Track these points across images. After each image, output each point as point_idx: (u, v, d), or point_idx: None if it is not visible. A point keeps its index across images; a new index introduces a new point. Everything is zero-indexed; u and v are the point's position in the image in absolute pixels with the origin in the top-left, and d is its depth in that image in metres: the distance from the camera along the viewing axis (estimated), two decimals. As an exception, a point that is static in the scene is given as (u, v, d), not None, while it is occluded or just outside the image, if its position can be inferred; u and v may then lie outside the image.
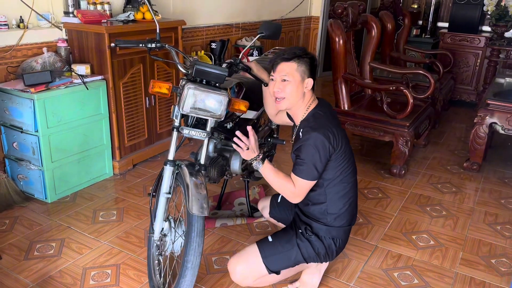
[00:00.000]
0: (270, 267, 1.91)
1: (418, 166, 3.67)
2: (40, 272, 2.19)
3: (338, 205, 1.93)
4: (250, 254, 1.93)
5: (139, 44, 1.95)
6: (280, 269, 1.95)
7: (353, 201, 1.99)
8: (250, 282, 1.96)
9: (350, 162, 1.93)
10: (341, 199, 1.93)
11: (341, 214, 1.93)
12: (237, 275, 1.93)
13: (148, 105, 3.36)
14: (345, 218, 1.96)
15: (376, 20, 3.88)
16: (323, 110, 1.93)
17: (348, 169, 1.92)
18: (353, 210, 2.01)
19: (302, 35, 6.35)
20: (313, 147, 1.79)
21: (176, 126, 1.91)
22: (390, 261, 2.40)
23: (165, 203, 1.90)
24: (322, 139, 1.79)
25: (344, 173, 1.91)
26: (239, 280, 1.96)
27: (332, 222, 1.92)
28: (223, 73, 1.84)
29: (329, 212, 1.92)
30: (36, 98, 2.60)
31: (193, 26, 4.22)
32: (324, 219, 1.93)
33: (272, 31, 2.25)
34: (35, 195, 2.87)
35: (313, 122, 1.87)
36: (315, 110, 1.92)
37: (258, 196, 3.01)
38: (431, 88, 3.59)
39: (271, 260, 1.90)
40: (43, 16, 2.96)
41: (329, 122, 1.86)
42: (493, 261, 2.44)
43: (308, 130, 1.83)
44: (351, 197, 1.97)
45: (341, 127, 1.94)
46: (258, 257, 1.91)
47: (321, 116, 1.89)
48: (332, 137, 1.82)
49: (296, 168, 1.85)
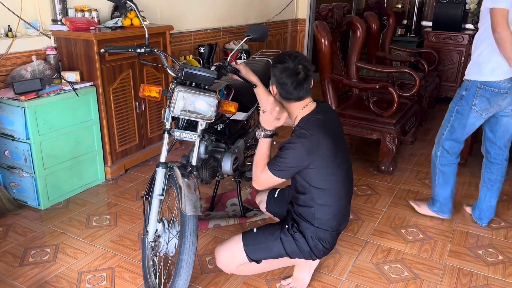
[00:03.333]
0: (250, 255, 1.97)
1: (406, 163, 3.74)
2: (36, 278, 2.21)
3: (325, 212, 1.93)
4: (234, 242, 2.00)
5: (128, 49, 1.99)
6: (260, 259, 1.99)
7: (344, 206, 1.97)
8: (233, 269, 2.03)
9: (339, 166, 1.90)
10: (330, 204, 1.93)
11: (329, 218, 1.94)
12: (221, 260, 2.01)
13: (139, 110, 3.39)
14: (333, 224, 1.96)
15: (361, 21, 3.95)
16: (314, 118, 1.87)
17: (336, 173, 1.90)
18: (342, 219, 2.00)
19: (289, 37, 6.42)
20: (292, 153, 1.82)
21: (167, 128, 1.95)
22: (380, 255, 2.45)
23: (158, 205, 1.94)
24: (301, 150, 1.80)
25: (331, 177, 1.89)
26: (222, 265, 2.03)
27: (319, 225, 1.95)
28: (212, 75, 1.89)
29: (317, 216, 1.94)
30: (27, 106, 2.62)
31: (181, 31, 4.26)
32: (312, 221, 1.95)
33: (259, 34, 2.30)
34: (28, 203, 2.88)
35: (302, 129, 1.85)
36: (306, 118, 1.88)
37: (250, 196, 3.05)
38: (416, 86, 3.66)
39: (252, 248, 1.96)
40: (31, 24, 2.99)
41: (316, 131, 1.82)
42: (480, 252, 2.51)
43: (295, 136, 1.85)
44: (342, 200, 1.95)
45: (336, 137, 1.89)
46: (240, 245, 1.97)
47: (311, 124, 1.85)
48: (313, 149, 1.80)
49: (271, 160, 1.90)
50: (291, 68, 1.81)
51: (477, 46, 2.43)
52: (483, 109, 2.46)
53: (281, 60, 1.84)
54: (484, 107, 2.44)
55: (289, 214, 2.07)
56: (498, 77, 2.36)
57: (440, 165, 2.69)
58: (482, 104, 2.44)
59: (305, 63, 1.83)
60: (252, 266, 2.01)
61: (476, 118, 2.50)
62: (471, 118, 2.50)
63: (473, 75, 2.45)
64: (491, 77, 2.37)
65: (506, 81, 2.36)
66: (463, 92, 2.51)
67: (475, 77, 2.43)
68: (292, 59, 1.81)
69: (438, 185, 2.74)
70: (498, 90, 2.38)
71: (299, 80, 1.82)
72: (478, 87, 2.43)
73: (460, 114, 2.54)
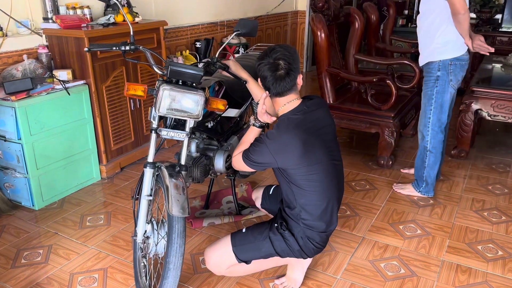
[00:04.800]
0: (239, 256, 1.94)
1: (406, 156, 3.68)
2: (28, 280, 2.19)
3: (310, 213, 1.88)
4: (223, 243, 1.98)
5: (113, 48, 1.94)
6: (250, 259, 1.96)
7: (330, 206, 1.91)
8: (223, 271, 2.00)
9: (321, 174, 1.84)
10: (313, 209, 1.88)
11: (315, 218, 1.89)
12: (210, 262, 1.99)
13: (133, 107, 3.35)
14: (319, 226, 1.91)
15: (358, 12, 3.88)
16: (295, 117, 1.82)
17: (318, 173, 1.84)
18: (330, 215, 1.93)
19: (289, 30, 6.35)
20: (257, 149, 1.84)
21: (154, 128, 1.91)
22: (377, 252, 2.41)
23: (147, 206, 1.90)
24: (267, 148, 1.80)
25: (311, 184, 1.84)
26: (212, 268, 2.00)
27: (306, 225, 1.90)
28: (199, 73, 1.84)
29: (302, 217, 1.90)
30: (17, 106, 2.59)
31: (176, 26, 4.21)
32: (298, 221, 1.91)
33: (248, 29, 2.25)
34: (22, 203, 2.87)
35: (277, 127, 1.82)
36: (285, 116, 1.84)
37: (246, 193, 3.02)
38: (416, 78, 3.58)
39: (240, 249, 1.94)
40: (22, 23, 2.95)
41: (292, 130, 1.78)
42: (479, 247, 2.46)
43: (271, 131, 1.83)
44: (328, 201, 1.89)
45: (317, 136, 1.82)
46: (229, 246, 1.95)
47: (286, 124, 1.81)
48: (278, 149, 1.78)
49: (248, 148, 1.89)
50: (271, 63, 1.79)
51: (431, 28, 2.68)
52: (456, 82, 2.75)
53: (264, 54, 1.83)
54: (456, 80, 2.74)
55: (279, 212, 2.03)
56: (460, 51, 2.69)
57: (432, 147, 2.86)
58: (455, 78, 2.73)
59: (287, 59, 1.78)
60: (242, 267, 1.98)
61: (451, 93, 2.78)
62: (448, 93, 2.75)
63: (441, 55, 2.69)
64: (457, 53, 2.68)
65: (465, 53, 2.72)
66: (437, 73, 2.73)
67: (444, 57, 2.69)
68: (273, 53, 1.79)
69: (428, 166, 2.90)
70: (464, 62, 2.72)
71: (277, 75, 1.79)
72: (449, 64, 2.69)
73: (440, 93, 2.75)
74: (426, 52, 2.76)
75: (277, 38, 6.08)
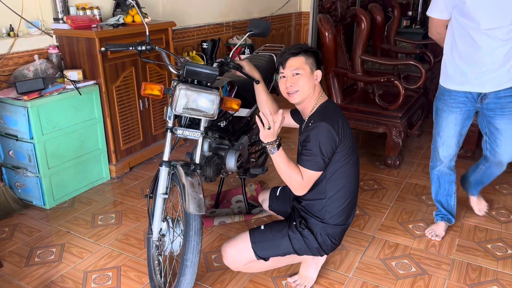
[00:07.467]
0: (258, 253, 1.96)
1: (413, 156, 3.70)
2: (42, 278, 2.21)
3: (337, 202, 1.93)
4: (241, 239, 1.99)
5: (129, 47, 1.96)
6: (268, 256, 1.98)
7: (353, 198, 1.99)
8: (240, 266, 2.02)
9: (354, 155, 1.94)
10: (341, 196, 1.93)
11: (339, 211, 1.94)
12: (228, 258, 1.99)
13: (142, 107, 3.37)
14: (343, 216, 1.96)
15: (365, 13, 3.90)
16: (331, 105, 1.95)
17: (350, 162, 1.92)
18: (352, 208, 2.01)
19: (293, 31, 6.37)
20: (320, 136, 1.81)
21: (170, 127, 1.93)
22: (387, 251, 2.43)
23: (162, 204, 1.92)
24: (329, 128, 1.81)
25: (346, 166, 1.91)
26: (230, 263, 2.01)
27: (329, 219, 1.94)
28: (214, 72, 1.86)
29: (328, 209, 1.93)
30: (30, 106, 2.61)
31: (183, 27, 4.23)
32: (321, 215, 1.94)
33: (261, 29, 2.27)
34: (33, 202, 2.88)
35: (322, 114, 1.88)
36: (324, 104, 1.94)
37: (255, 193, 3.03)
38: (422, 78, 3.61)
39: (260, 246, 1.95)
40: (33, 23, 2.97)
41: (335, 115, 1.88)
42: (489, 246, 2.48)
43: (316, 120, 1.85)
44: (352, 193, 1.97)
45: (347, 121, 1.95)
46: (248, 243, 1.96)
47: (329, 109, 1.91)
48: (338, 128, 1.83)
49: (303, 159, 1.85)
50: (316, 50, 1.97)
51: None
52: None
53: (310, 46, 1.98)
54: None
55: (295, 211, 2.05)
56: None
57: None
58: None
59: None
60: (259, 263, 2.00)
61: None
62: None
63: None
64: None
65: None
66: None
67: None
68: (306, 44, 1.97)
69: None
70: None
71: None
72: None
73: None
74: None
75: (281, 39, 6.10)
